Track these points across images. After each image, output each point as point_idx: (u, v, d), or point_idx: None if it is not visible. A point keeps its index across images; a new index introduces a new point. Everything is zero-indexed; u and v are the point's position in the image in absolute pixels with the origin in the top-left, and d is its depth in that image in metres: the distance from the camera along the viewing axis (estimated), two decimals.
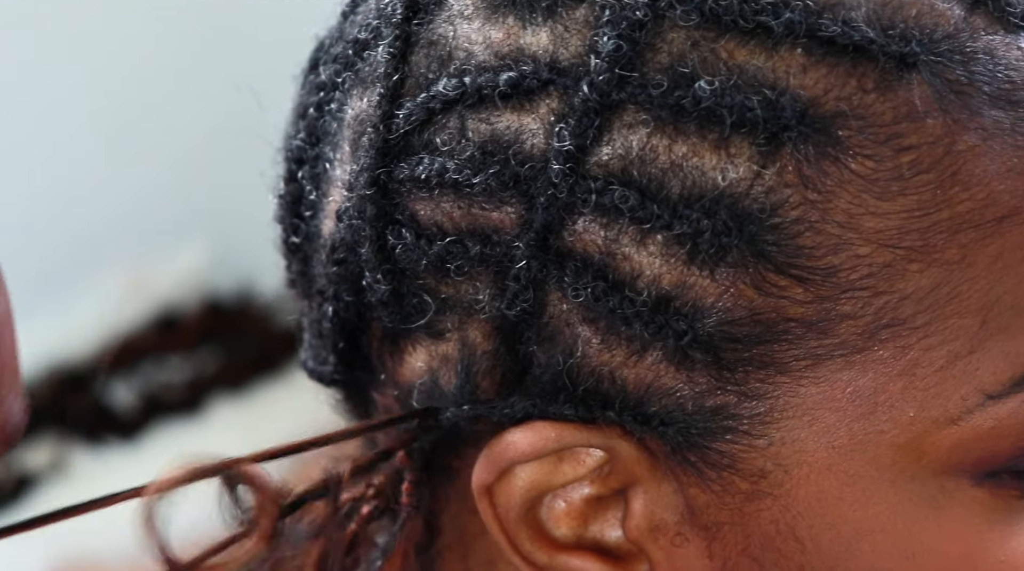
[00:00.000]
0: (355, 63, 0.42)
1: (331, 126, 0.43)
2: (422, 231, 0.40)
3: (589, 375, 0.40)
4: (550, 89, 0.39)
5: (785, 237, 0.38)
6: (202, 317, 1.98)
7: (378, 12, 0.42)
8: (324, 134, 0.43)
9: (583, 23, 0.39)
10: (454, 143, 0.39)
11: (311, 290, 0.45)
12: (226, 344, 1.97)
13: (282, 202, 0.45)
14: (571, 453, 0.41)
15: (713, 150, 0.38)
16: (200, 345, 1.98)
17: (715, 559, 0.41)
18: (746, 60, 0.38)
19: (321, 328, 0.44)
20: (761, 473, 0.40)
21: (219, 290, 2.03)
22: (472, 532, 0.44)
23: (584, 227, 0.39)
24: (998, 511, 0.41)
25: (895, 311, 0.39)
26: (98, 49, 1.88)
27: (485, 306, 0.40)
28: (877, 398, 0.39)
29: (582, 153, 0.38)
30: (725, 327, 0.38)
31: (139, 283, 1.99)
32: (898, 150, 0.38)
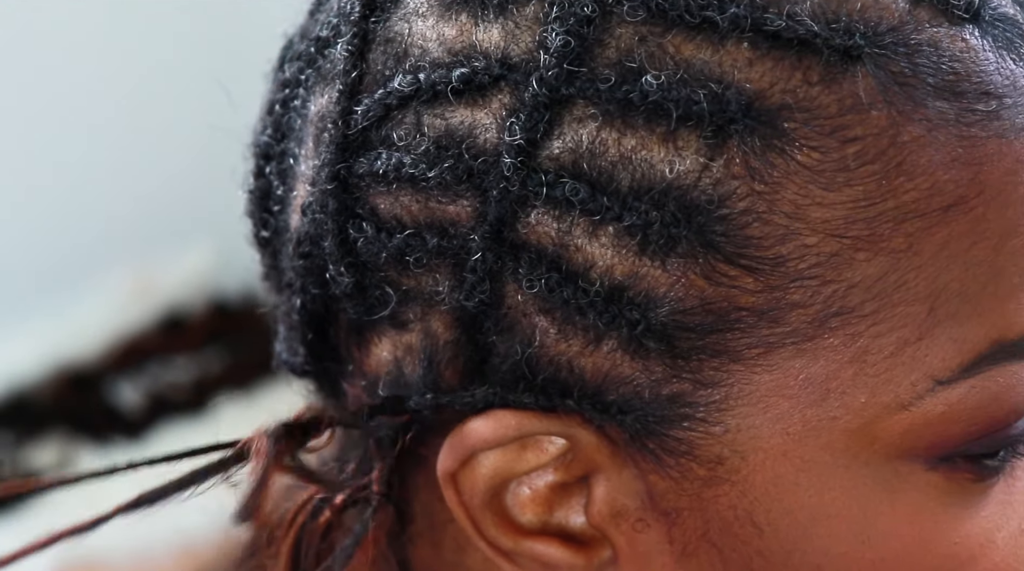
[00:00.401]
0: (317, 60, 0.43)
1: (296, 122, 0.44)
2: (382, 225, 0.41)
3: (548, 364, 0.40)
4: (501, 84, 0.39)
5: (733, 228, 0.39)
6: (208, 317, 1.99)
7: (338, 10, 0.43)
8: (289, 130, 0.44)
9: (533, 19, 0.39)
10: (410, 138, 0.40)
11: (281, 283, 0.46)
12: (232, 344, 1.98)
13: (251, 197, 0.46)
14: (534, 441, 0.41)
15: (661, 143, 0.38)
16: (206, 345, 1.99)
17: (675, 544, 0.42)
18: (692, 55, 0.39)
19: (291, 320, 0.45)
20: (718, 460, 0.41)
21: (225, 291, 2.04)
22: (442, 519, 0.45)
23: (537, 219, 0.39)
24: (952, 495, 0.41)
25: (844, 299, 0.39)
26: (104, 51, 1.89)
27: (445, 297, 0.41)
28: (829, 385, 0.40)
29: (533, 147, 0.39)
30: (678, 316, 0.39)
31: (145, 284, 2.00)
32: (843, 141, 0.39)
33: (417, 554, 0.46)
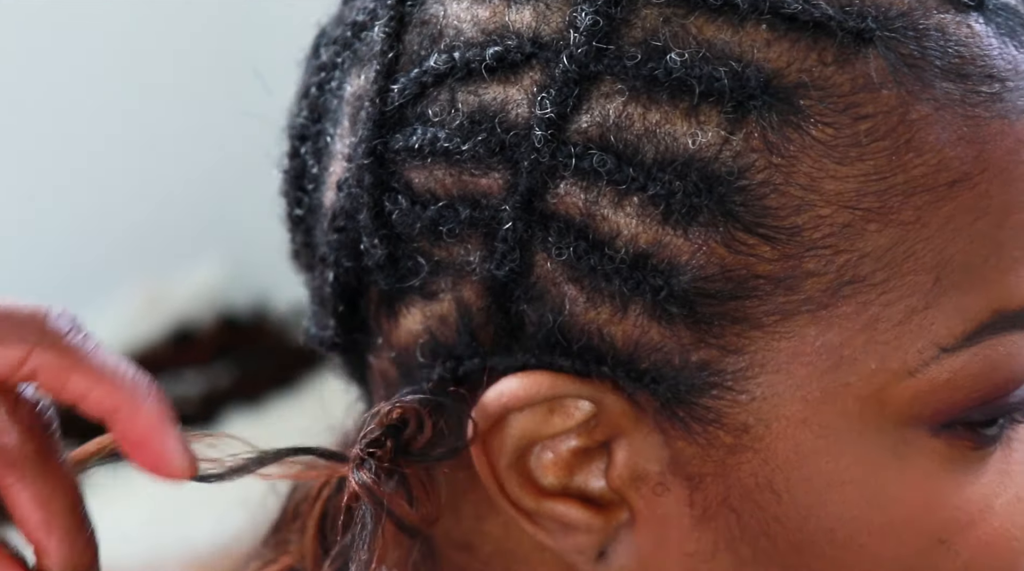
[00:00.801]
0: (353, 44, 0.45)
1: (332, 103, 0.46)
2: (416, 197, 0.43)
3: (579, 332, 0.42)
4: (533, 62, 0.41)
5: (752, 198, 0.41)
6: (217, 332, 2.00)
7: None
8: (325, 111, 0.46)
9: (563, 1, 0.42)
10: (445, 114, 0.42)
11: (314, 259, 0.48)
12: (241, 358, 2.00)
13: (286, 177, 0.48)
14: (561, 406, 0.43)
15: (684, 117, 0.41)
16: (215, 359, 2.01)
17: (695, 508, 0.44)
18: (714, 35, 0.41)
19: (322, 294, 0.47)
20: (744, 428, 0.43)
21: (234, 305, 2.06)
22: (462, 489, 0.46)
23: (566, 190, 0.41)
24: (954, 461, 0.43)
25: (855, 268, 0.41)
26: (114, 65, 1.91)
27: (476, 267, 0.43)
28: (842, 352, 0.42)
29: (563, 120, 0.41)
30: (699, 283, 0.41)
31: (155, 298, 2.01)
32: (856, 118, 0.41)
33: (437, 524, 0.47)
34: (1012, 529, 0.44)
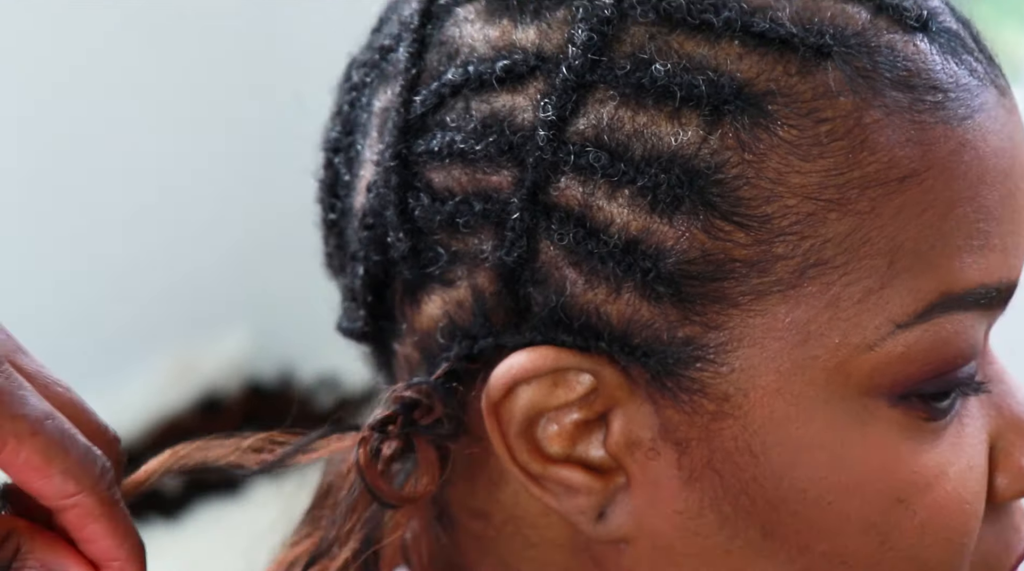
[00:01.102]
0: (381, 65, 0.52)
1: (362, 117, 0.52)
2: (436, 195, 0.49)
3: (580, 311, 0.48)
4: (536, 73, 0.48)
5: (727, 190, 0.47)
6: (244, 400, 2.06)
7: (400, 22, 0.51)
8: (356, 125, 0.52)
9: (562, 21, 0.48)
10: (461, 120, 0.48)
11: (345, 258, 0.54)
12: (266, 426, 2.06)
13: (322, 185, 0.54)
14: (564, 380, 0.49)
15: (668, 120, 0.47)
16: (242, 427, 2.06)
17: (683, 470, 0.49)
18: (693, 49, 0.47)
19: (353, 289, 0.53)
20: (725, 396, 0.48)
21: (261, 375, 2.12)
22: (478, 461, 0.52)
23: (566, 184, 0.47)
24: (910, 430, 0.49)
25: (819, 253, 0.47)
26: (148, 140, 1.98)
27: (488, 255, 0.48)
28: (809, 328, 0.47)
29: (563, 123, 0.47)
30: (683, 265, 0.47)
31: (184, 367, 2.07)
32: (817, 121, 0.47)
33: (454, 494, 0.53)
34: (964, 493, 0.49)
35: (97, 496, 0.47)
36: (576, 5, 0.48)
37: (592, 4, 0.47)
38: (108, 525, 0.47)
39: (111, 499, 0.47)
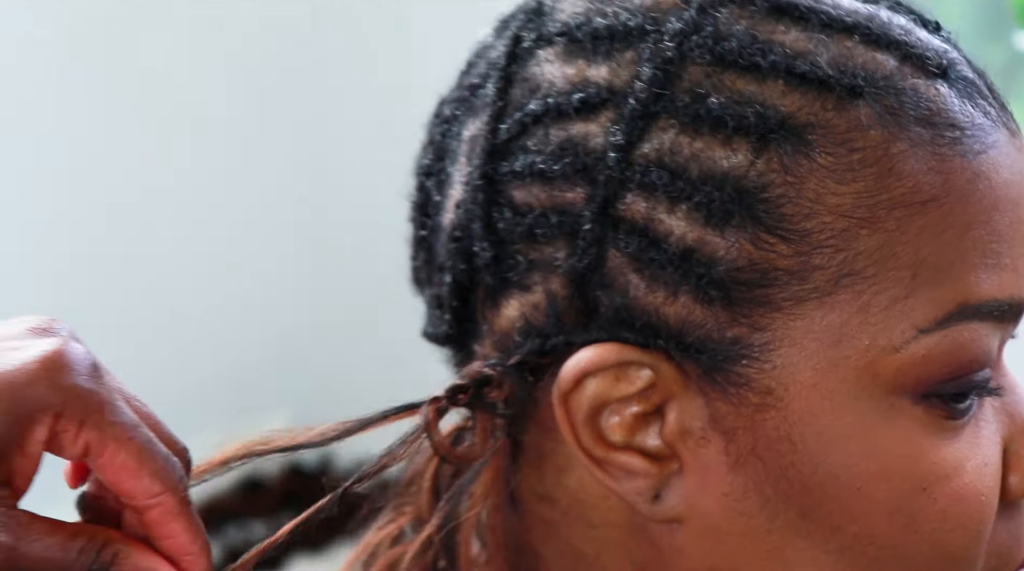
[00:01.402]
0: (470, 100, 0.59)
1: (452, 145, 0.60)
2: (517, 209, 0.56)
3: (641, 312, 0.54)
4: (608, 104, 0.55)
5: (772, 207, 0.54)
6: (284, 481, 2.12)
7: (488, 63, 0.59)
8: (446, 152, 0.60)
9: (630, 61, 0.55)
10: (540, 145, 0.56)
11: (432, 270, 0.61)
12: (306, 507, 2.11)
13: (414, 206, 0.62)
14: (626, 374, 0.55)
15: (721, 145, 0.54)
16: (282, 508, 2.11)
17: (730, 456, 0.55)
18: (743, 86, 0.54)
19: (440, 296, 0.60)
20: (768, 390, 0.54)
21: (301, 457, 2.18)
22: (546, 450, 0.58)
23: (632, 200, 0.54)
24: (932, 426, 0.55)
25: (851, 264, 0.54)
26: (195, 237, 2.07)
27: (561, 263, 0.55)
28: (842, 330, 0.54)
29: (630, 147, 0.54)
30: (732, 272, 0.54)
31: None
32: (850, 150, 0.54)
33: (524, 481, 0.59)
34: (979, 486, 0.56)
35: (177, 496, 0.53)
36: (643, 47, 0.55)
37: (657, 47, 0.55)
38: (186, 522, 0.53)
39: (187, 499, 0.54)
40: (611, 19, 0.56)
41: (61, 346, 0.52)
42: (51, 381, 0.51)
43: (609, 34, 0.56)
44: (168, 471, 0.53)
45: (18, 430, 0.51)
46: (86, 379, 0.52)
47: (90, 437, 0.51)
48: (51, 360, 0.51)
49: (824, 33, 0.55)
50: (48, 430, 0.51)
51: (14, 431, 0.51)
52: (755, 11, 0.56)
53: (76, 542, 0.52)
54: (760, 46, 0.55)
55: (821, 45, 0.55)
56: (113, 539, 0.53)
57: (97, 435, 0.51)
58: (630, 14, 0.56)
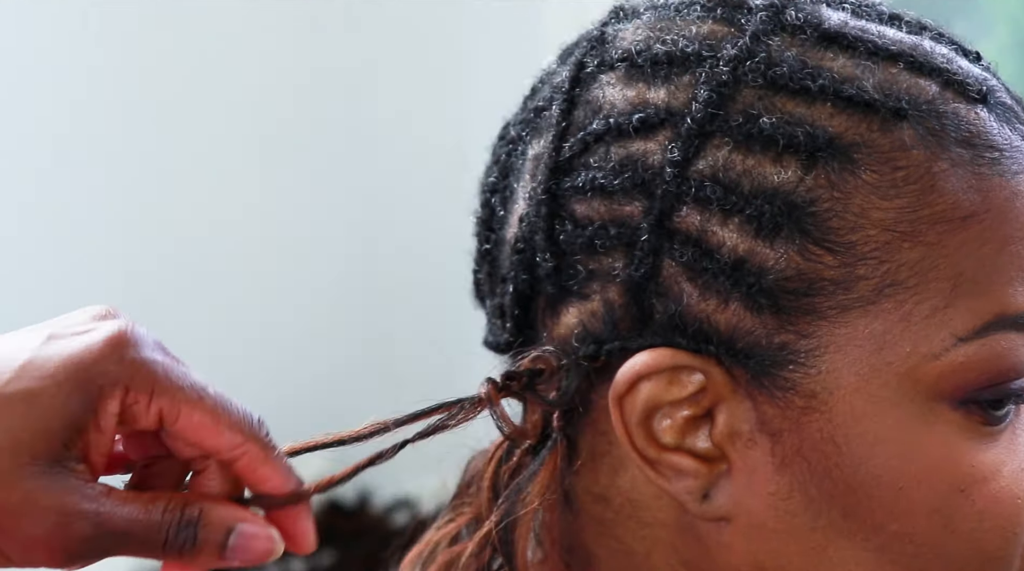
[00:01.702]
0: (535, 122, 0.63)
1: (517, 164, 0.63)
2: (578, 222, 0.60)
3: (694, 319, 0.58)
4: (665, 124, 0.59)
5: (820, 220, 0.57)
6: (324, 518, 2.15)
7: (552, 87, 0.63)
8: (511, 170, 0.64)
9: (687, 84, 0.59)
10: (601, 162, 0.59)
11: (495, 281, 0.64)
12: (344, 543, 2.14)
13: (479, 221, 0.65)
14: (678, 378, 0.58)
15: (772, 163, 0.57)
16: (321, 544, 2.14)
17: (776, 457, 0.58)
18: (793, 108, 0.58)
19: (502, 306, 0.63)
20: (813, 394, 0.57)
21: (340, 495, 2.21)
22: (600, 451, 0.61)
23: (687, 213, 0.58)
24: (969, 431, 0.58)
25: (894, 275, 0.57)
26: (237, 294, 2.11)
27: (619, 272, 0.59)
28: (885, 338, 0.57)
29: (686, 163, 0.58)
30: (781, 282, 0.57)
31: None
32: (894, 168, 0.57)
33: (579, 482, 0.62)
34: (1016, 490, 0.58)
35: (260, 443, 0.56)
36: (699, 72, 0.59)
37: (712, 71, 0.59)
38: (273, 465, 0.56)
39: (271, 444, 0.56)
40: (669, 46, 0.60)
41: (124, 325, 0.55)
42: (118, 357, 0.54)
43: (668, 60, 0.60)
44: (245, 422, 0.55)
45: (91, 407, 0.53)
46: (151, 351, 0.55)
47: (162, 404, 0.54)
48: (116, 338, 0.54)
49: (870, 60, 0.59)
50: (119, 403, 0.54)
51: (87, 408, 0.53)
52: (805, 39, 0.59)
53: (157, 504, 0.55)
54: (810, 71, 0.58)
55: (867, 71, 0.58)
56: (191, 499, 0.55)
57: (168, 401, 0.54)
58: (687, 41, 0.60)
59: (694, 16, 0.61)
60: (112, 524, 0.54)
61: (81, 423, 0.54)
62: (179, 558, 0.55)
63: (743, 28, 0.59)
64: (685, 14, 0.61)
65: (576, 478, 0.62)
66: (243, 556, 0.55)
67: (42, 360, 0.53)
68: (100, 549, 0.54)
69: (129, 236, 2.01)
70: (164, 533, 0.54)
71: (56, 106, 1.95)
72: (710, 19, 0.60)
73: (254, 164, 2.13)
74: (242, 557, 0.55)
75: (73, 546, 0.54)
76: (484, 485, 0.64)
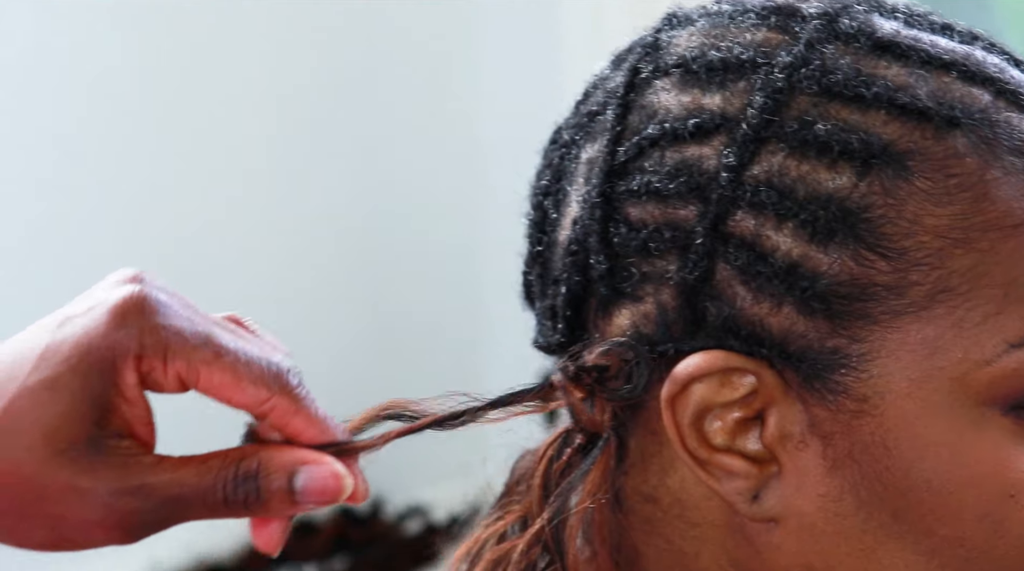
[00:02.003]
0: (588, 126, 0.64)
1: (570, 167, 0.64)
2: (632, 225, 0.60)
3: (747, 322, 0.58)
4: (721, 129, 0.59)
5: (873, 226, 0.58)
6: (336, 525, 2.15)
7: (606, 92, 0.63)
8: (564, 173, 0.64)
9: (743, 90, 0.60)
10: (656, 166, 0.60)
11: (546, 284, 0.65)
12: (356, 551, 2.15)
13: (531, 224, 0.66)
14: (729, 381, 0.59)
15: (826, 169, 0.58)
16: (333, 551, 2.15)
17: (827, 460, 0.59)
18: (848, 115, 0.59)
19: (554, 307, 0.64)
20: (864, 398, 0.58)
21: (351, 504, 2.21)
22: (651, 452, 0.62)
23: (742, 217, 0.58)
24: (1019, 437, 0.58)
25: (947, 281, 0.58)
26: None
27: (673, 275, 0.59)
28: (937, 343, 0.58)
29: (741, 168, 0.58)
30: (834, 286, 0.58)
31: None
32: (947, 176, 0.58)
33: (628, 482, 0.63)
34: None
35: (288, 395, 0.55)
36: (754, 78, 0.60)
37: (768, 78, 0.59)
38: (306, 415, 0.56)
39: (302, 396, 0.55)
40: (724, 53, 0.61)
41: (131, 293, 0.54)
42: (124, 327, 0.54)
43: (723, 66, 0.60)
44: (271, 375, 0.55)
45: (110, 382, 0.54)
46: (160, 317, 0.54)
47: (178, 368, 0.54)
48: (120, 307, 0.54)
49: (924, 69, 0.59)
50: (135, 373, 0.54)
51: (107, 384, 0.54)
52: (859, 48, 0.60)
53: (209, 466, 0.55)
54: (864, 79, 0.59)
55: (921, 79, 0.59)
56: (248, 452, 0.55)
57: (184, 363, 0.54)
58: (742, 48, 0.60)
59: (748, 23, 0.61)
60: (162, 493, 0.54)
61: (105, 400, 0.54)
62: (249, 512, 0.55)
63: (797, 36, 0.60)
64: (739, 21, 0.62)
65: (626, 478, 0.63)
66: (315, 498, 0.55)
67: (57, 345, 0.54)
68: (159, 519, 0.54)
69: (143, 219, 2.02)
70: (221, 491, 0.54)
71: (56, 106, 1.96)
72: (764, 27, 0.61)
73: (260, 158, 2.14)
74: (315, 499, 0.55)
75: (127, 522, 0.54)
76: (535, 483, 0.64)
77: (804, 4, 0.62)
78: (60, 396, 0.53)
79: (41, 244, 1.98)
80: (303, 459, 0.55)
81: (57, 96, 1.97)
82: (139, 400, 0.55)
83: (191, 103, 2.08)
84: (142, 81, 2.03)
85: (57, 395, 0.53)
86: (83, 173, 2.01)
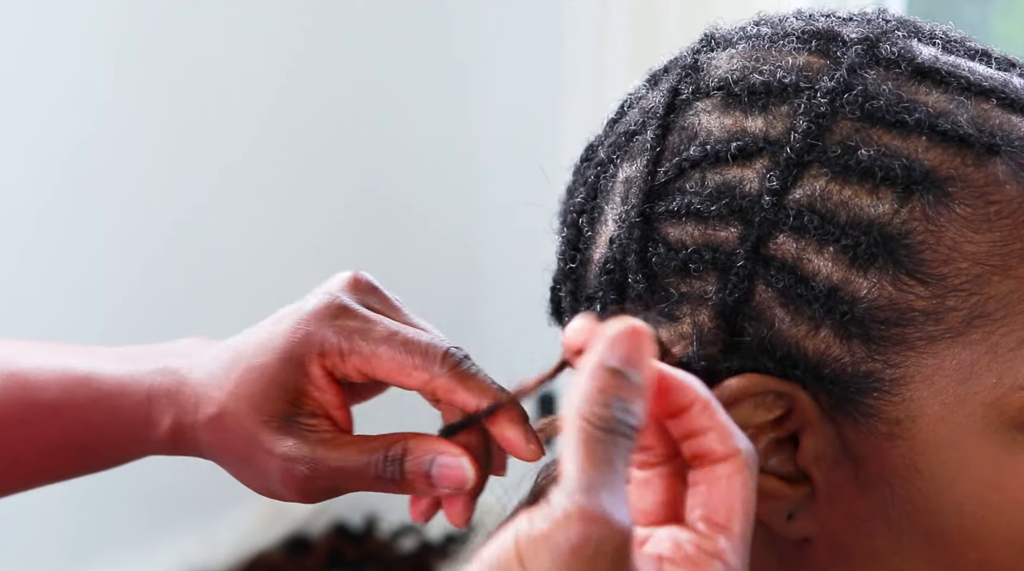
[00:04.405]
0: (625, 146, 0.64)
1: (607, 186, 0.64)
2: (671, 246, 0.61)
3: (783, 344, 0.59)
4: (763, 153, 0.60)
5: (913, 252, 0.58)
6: (330, 541, 2.15)
7: (643, 112, 0.64)
8: (600, 192, 0.64)
9: (785, 114, 0.60)
10: (697, 187, 0.60)
11: (579, 301, 0.65)
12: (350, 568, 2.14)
13: (564, 241, 0.66)
14: (764, 402, 0.59)
15: (868, 194, 0.58)
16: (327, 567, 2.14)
17: (859, 480, 0.59)
18: (890, 141, 0.59)
19: None
20: (896, 421, 0.58)
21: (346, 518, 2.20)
22: None
23: (783, 240, 0.59)
24: None
25: (983, 307, 0.58)
26: None
27: (712, 296, 0.60)
28: (972, 368, 0.58)
29: (784, 192, 0.59)
30: (872, 311, 0.58)
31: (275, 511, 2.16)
32: (987, 203, 0.58)
33: None
34: None
35: (448, 372, 0.63)
36: (797, 103, 0.60)
37: (811, 102, 0.60)
38: (464, 392, 0.63)
39: (463, 371, 0.63)
40: (767, 76, 0.61)
41: (323, 300, 0.65)
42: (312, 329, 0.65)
43: (765, 90, 0.61)
44: (431, 356, 0.64)
45: (302, 372, 0.65)
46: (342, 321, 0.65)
47: (355, 362, 0.64)
48: (313, 313, 0.65)
49: (963, 95, 0.60)
50: (320, 368, 0.64)
51: (299, 374, 0.65)
52: (899, 74, 0.60)
53: (368, 447, 0.63)
54: (905, 105, 0.59)
55: (961, 106, 0.60)
56: (397, 438, 0.63)
57: (359, 359, 0.64)
58: (785, 72, 0.61)
59: (790, 47, 0.62)
60: (328, 465, 0.63)
61: (298, 387, 0.65)
62: (395, 488, 0.63)
63: (839, 61, 0.61)
64: (780, 45, 0.62)
65: None
66: (446, 483, 0.63)
67: (269, 337, 0.66)
68: (326, 487, 0.64)
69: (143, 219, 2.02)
70: (374, 469, 0.63)
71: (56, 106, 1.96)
72: (805, 51, 0.62)
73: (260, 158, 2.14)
74: (446, 484, 0.63)
75: (298, 485, 0.64)
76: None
77: (844, 29, 0.62)
78: (265, 378, 0.65)
79: (41, 244, 1.98)
80: (439, 450, 0.63)
81: (57, 96, 1.96)
82: (328, 388, 0.65)
83: (191, 103, 2.08)
84: (142, 81, 2.02)
85: (263, 378, 0.65)
86: (83, 173, 2.00)
